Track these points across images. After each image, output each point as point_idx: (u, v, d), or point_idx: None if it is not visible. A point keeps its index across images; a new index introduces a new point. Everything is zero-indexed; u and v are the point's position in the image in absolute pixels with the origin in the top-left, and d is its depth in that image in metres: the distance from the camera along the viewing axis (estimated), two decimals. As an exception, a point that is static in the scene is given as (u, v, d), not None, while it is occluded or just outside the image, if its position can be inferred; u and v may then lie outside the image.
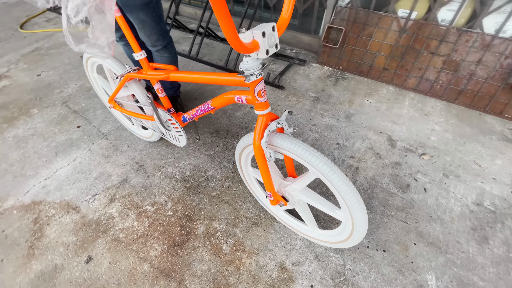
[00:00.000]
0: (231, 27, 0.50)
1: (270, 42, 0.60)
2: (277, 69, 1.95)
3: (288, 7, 0.62)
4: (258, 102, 0.72)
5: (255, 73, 0.67)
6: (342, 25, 1.78)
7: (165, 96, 1.09)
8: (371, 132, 1.44)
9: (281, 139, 0.74)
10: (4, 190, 1.19)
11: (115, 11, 0.90)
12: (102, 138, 1.44)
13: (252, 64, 0.65)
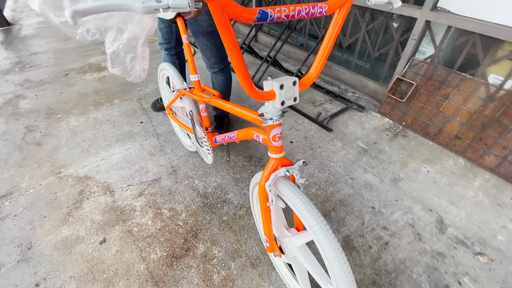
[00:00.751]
0: (246, 75, 0.53)
1: (287, 95, 0.60)
2: (331, 109, 1.89)
3: (317, 67, 0.62)
4: (272, 145, 0.71)
5: (273, 118, 0.67)
6: (415, 79, 1.63)
7: (206, 116, 1.17)
8: (418, 206, 1.24)
9: (285, 186, 0.70)
10: (70, 159, 1.46)
11: (185, 39, 1.05)
12: (154, 137, 1.63)
13: (271, 109, 0.66)
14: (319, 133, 1.68)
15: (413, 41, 1.61)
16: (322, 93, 2.08)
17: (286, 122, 1.77)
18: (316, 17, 0.58)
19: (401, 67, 1.74)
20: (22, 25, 3.52)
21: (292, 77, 0.60)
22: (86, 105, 1.91)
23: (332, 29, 0.60)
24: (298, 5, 0.53)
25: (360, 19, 1.94)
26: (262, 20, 0.51)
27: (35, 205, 1.22)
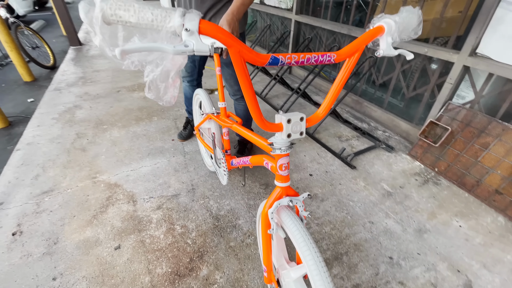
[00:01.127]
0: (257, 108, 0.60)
1: (294, 129, 0.63)
2: (358, 146, 1.84)
3: (324, 107, 0.64)
4: (278, 174, 0.73)
5: (281, 148, 0.70)
6: (450, 124, 1.54)
7: (228, 139, 1.24)
8: (444, 264, 1.11)
9: (287, 216, 0.70)
10: (106, 166, 1.61)
11: (218, 70, 1.16)
12: (182, 154, 1.74)
13: (279, 140, 0.68)
14: (342, 169, 1.64)
15: (450, 85, 1.55)
16: (350, 129, 2.05)
17: (308, 154, 1.77)
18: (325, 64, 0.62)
19: (436, 110, 1.66)
20: (91, 46, 4.14)
21: (300, 113, 0.64)
22: (129, 119, 2.13)
23: (342, 74, 0.64)
24: (308, 53, 0.58)
25: (395, 58, 1.93)
26: (274, 64, 0.56)
27: (69, 204, 1.36)
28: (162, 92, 0.67)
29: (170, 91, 0.67)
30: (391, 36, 0.62)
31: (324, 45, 2.56)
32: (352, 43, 0.61)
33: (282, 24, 3.10)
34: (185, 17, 0.47)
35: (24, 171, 1.58)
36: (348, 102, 2.37)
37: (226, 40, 0.51)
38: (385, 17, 0.62)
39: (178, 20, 0.47)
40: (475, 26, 1.38)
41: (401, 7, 0.65)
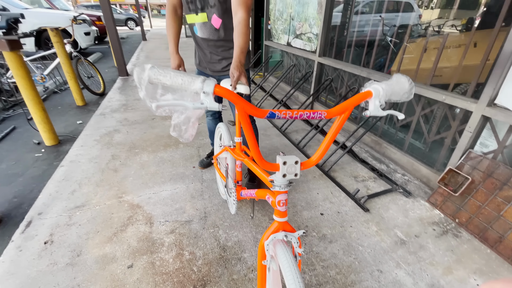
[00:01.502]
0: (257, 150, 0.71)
1: (289, 170, 0.71)
2: (373, 188, 1.82)
3: (317, 155, 0.72)
4: (276, 209, 0.79)
5: (280, 185, 0.77)
6: (471, 173, 1.48)
7: (240, 171, 1.34)
8: (459, 327, 1.03)
9: (281, 250, 0.74)
10: (132, 187, 1.78)
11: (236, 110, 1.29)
12: (199, 181, 1.86)
13: (278, 178, 0.76)
14: (354, 211, 1.62)
15: (469, 133, 1.52)
16: (367, 169, 2.04)
17: (322, 192, 1.78)
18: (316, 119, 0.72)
19: (456, 157, 1.61)
20: (137, 77, 4.68)
21: (296, 157, 0.72)
22: (158, 145, 2.34)
23: (332, 129, 0.72)
24: (301, 110, 0.67)
25: (415, 101, 1.95)
26: (271, 117, 0.67)
27: (95, 220, 1.51)
28: (183, 132, 0.80)
29: (189, 131, 0.80)
30: (378, 99, 0.70)
31: (346, 85, 2.66)
32: (342, 104, 0.70)
33: (307, 63, 3.29)
34: (204, 83, 0.60)
35: (63, 185, 1.79)
36: (368, 141, 2.38)
37: (233, 100, 0.63)
38: (374, 83, 0.70)
39: (199, 85, 0.61)
40: (492, 77, 1.38)
41: (394, 73, 0.73)
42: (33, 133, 2.72)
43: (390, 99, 0.74)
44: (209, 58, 1.51)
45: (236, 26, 1.19)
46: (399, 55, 2.06)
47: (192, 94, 0.65)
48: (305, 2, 3.05)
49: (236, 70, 1.10)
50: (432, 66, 1.78)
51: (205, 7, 1.32)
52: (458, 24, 1.80)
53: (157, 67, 0.61)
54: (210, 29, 1.39)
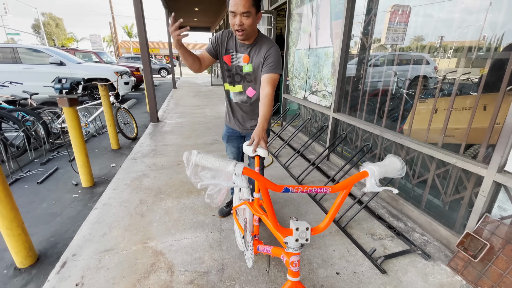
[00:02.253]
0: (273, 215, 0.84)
1: (301, 235, 0.83)
2: (391, 248, 1.80)
3: (325, 221, 0.84)
4: (290, 269, 0.87)
5: (294, 248, 0.87)
6: (489, 239, 1.47)
7: (257, 225, 1.43)
8: None
9: None
10: (156, 233, 1.90)
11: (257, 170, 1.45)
12: (218, 231, 1.95)
13: (291, 241, 0.86)
14: (371, 272, 1.61)
15: (483, 197, 1.54)
16: (384, 227, 2.04)
17: (338, 249, 1.80)
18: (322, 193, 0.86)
19: (473, 221, 1.61)
20: (166, 123, 5.14)
21: (307, 224, 0.83)
22: (182, 191, 2.51)
23: (336, 202, 0.85)
24: (311, 186, 0.81)
25: (429, 161, 2.01)
26: (286, 192, 0.81)
27: (122, 264, 1.62)
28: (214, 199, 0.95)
29: (220, 198, 0.95)
30: (374, 178, 0.83)
31: (360, 139, 2.79)
32: (343, 182, 0.84)
33: (323, 116, 3.51)
34: (235, 166, 0.77)
35: (96, 228, 1.96)
36: (384, 197, 2.40)
37: (256, 177, 0.79)
38: (370, 164, 0.84)
39: (232, 168, 0.78)
40: (500, 143, 1.46)
41: (388, 154, 0.87)
42: (73, 174, 3.03)
43: (385, 177, 0.86)
44: (239, 118, 1.75)
45: (263, 98, 1.44)
46: (411, 114, 2.20)
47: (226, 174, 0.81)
48: (320, 65, 3.40)
49: (257, 136, 1.29)
50: (442, 127, 1.89)
51: (242, 81, 1.60)
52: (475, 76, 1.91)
53: (202, 153, 0.79)
54: (244, 97, 1.66)
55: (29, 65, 6.63)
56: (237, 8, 1.30)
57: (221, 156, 0.81)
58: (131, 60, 17.32)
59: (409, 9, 2.33)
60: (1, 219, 1.57)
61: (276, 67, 1.48)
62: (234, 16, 1.34)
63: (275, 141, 4.02)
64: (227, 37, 1.55)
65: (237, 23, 1.35)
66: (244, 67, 1.56)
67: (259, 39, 1.52)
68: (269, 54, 1.48)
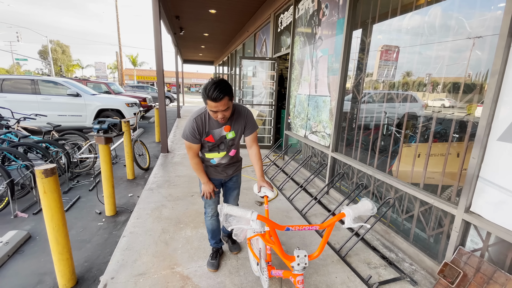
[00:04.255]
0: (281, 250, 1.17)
1: (301, 260, 1.17)
2: (384, 276, 2.10)
3: (318, 250, 1.20)
4: (296, 286, 1.20)
5: (298, 270, 1.20)
6: (463, 267, 1.80)
7: (270, 253, 1.75)
8: None
9: None
10: (181, 260, 2.17)
11: (265, 207, 1.81)
12: (235, 259, 2.24)
13: (295, 265, 1.19)
14: (368, 295, 1.90)
15: (456, 232, 1.90)
16: (378, 257, 2.34)
17: (340, 276, 2.09)
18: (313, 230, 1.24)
19: (450, 252, 1.95)
20: (175, 153, 5.50)
21: (305, 251, 1.18)
22: (198, 222, 2.80)
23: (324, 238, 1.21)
24: (304, 225, 1.19)
25: (414, 200, 2.39)
26: (287, 230, 1.17)
27: (155, 287, 1.88)
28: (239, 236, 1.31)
29: (242, 235, 1.30)
30: (350, 218, 1.21)
31: (356, 176, 3.18)
32: (327, 221, 1.22)
33: (322, 153, 3.94)
34: (252, 214, 1.14)
35: (127, 254, 2.23)
36: (378, 230, 2.73)
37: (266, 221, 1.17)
38: (346, 207, 1.23)
39: (250, 215, 1.14)
40: (465, 187, 1.85)
41: (362, 198, 1.26)
42: (94, 203, 3.31)
43: (360, 216, 1.25)
44: (221, 169, 1.95)
45: (254, 155, 1.89)
46: (398, 157, 2.62)
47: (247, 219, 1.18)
48: (319, 110, 3.90)
49: (263, 182, 1.78)
50: (423, 170, 2.30)
51: (226, 147, 1.86)
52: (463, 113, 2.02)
53: (230, 206, 1.17)
54: (228, 157, 1.92)
55: (47, 95, 7.11)
56: (218, 108, 1.52)
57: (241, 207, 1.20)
58: (136, 88, 18.13)
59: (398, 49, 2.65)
60: (56, 245, 1.85)
61: (254, 126, 1.84)
62: (216, 112, 1.56)
63: (278, 175, 4.39)
64: (204, 123, 1.70)
65: (220, 117, 1.58)
66: (227, 134, 1.78)
67: (235, 110, 1.76)
68: (247, 120, 1.80)
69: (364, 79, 3.06)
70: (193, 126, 1.67)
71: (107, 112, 7.68)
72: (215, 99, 1.47)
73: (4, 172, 2.91)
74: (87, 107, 7.35)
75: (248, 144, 1.90)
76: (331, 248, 2.44)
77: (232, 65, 11.77)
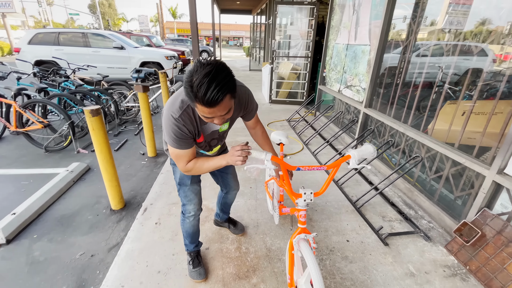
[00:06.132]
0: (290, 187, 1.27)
1: (306, 197, 1.27)
2: (397, 229, 2.14)
3: (323, 187, 1.27)
4: (300, 220, 1.32)
5: (302, 206, 1.30)
6: (482, 228, 1.74)
7: (282, 194, 1.90)
8: None
9: (303, 244, 1.25)
10: (214, 196, 2.46)
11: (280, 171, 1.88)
12: (254, 199, 2.46)
13: (300, 202, 1.29)
14: (376, 243, 1.99)
15: (483, 194, 1.79)
16: (395, 212, 2.36)
17: (351, 224, 2.19)
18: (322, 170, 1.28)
19: (472, 213, 1.87)
20: (209, 106, 5.73)
21: (310, 189, 1.26)
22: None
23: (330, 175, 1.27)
24: (314, 165, 1.24)
25: (445, 159, 2.24)
26: (298, 170, 1.24)
27: (184, 214, 2.21)
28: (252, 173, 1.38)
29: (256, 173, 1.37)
30: (354, 159, 1.22)
31: (388, 134, 3.03)
32: (334, 162, 1.25)
33: (356, 110, 3.75)
34: (266, 155, 1.21)
35: (164, 187, 2.60)
36: (402, 188, 2.68)
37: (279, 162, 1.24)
38: (351, 150, 1.25)
39: (264, 156, 1.21)
40: (503, 147, 1.68)
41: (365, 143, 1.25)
42: (139, 146, 3.77)
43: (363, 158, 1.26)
44: None
45: (260, 136, 1.54)
46: (435, 116, 2.39)
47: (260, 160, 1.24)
48: (357, 61, 3.59)
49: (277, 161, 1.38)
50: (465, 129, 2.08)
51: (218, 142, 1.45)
52: None
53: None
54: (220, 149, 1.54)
55: (96, 48, 7.66)
56: (214, 114, 0.99)
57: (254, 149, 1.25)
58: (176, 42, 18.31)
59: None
60: (106, 173, 2.24)
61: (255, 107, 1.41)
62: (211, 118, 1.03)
63: (306, 130, 4.37)
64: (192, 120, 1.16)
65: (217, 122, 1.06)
66: (221, 127, 1.32)
67: None
68: (248, 104, 1.35)
69: (416, 26, 2.67)
70: (178, 126, 1.11)
71: (149, 64, 8.06)
72: (210, 103, 0.91)
73: (66, 115, 3.42)
74: (131, 59, 7.79)
75: (251, 126, 1.52)
76: (348, 199, 2.51)
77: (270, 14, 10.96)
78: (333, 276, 1.70)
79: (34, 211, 2.25)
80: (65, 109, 3.59)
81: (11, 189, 2.65)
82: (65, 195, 2.59)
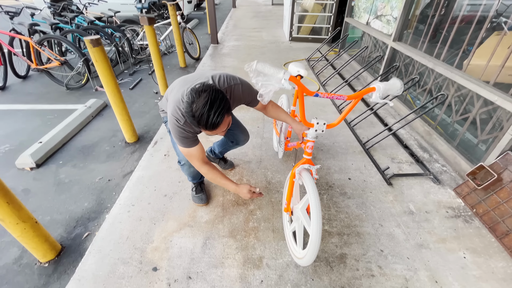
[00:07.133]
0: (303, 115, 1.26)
1: (319, 128, 1.20)
2: (405, 170, 2.06)
3: (338, 120, 1.18)
4: (306, 151, 1.29)
5: (312, 137, 1.26)
6: (500, 172, 1.60)
7: (290, 131, 1.87)
8: (426, 273, 1.37)
9: (305, 174, 1.25)
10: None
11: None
12: (260, 138, 2.45)
13: (311, 132, 1.24)
14: (379, 183, 1.95)
15: (510, 135, 1.59)
16: (407, 154, 2.23)
17: (356, 163, 2.13)
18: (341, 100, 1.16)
19: (493, 157, 1.71)
20: (224, 45, 5.42)
21: (324, 120, 1.18)
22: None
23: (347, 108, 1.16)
24: (333, 94, 1.12)
25: (476, 98, 1.97)
26: (316, 96, 1.14)
27: (191, 149, 2.29)
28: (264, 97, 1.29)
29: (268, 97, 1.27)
30: (378, 93, 1.08)
31: (416, 70, 2.68)
32: (356, 93, 1.12)
33: (384, 45, 3.31)
34: (284, 73, 1.08)
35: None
36: (420, 130, 2.48)
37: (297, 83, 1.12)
38: (377, 82, 1.08)
39: (282, 74, 1.08)
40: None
41: (393, 77, 1.08)
42: (152, 85, 3.78)
43: (388, 93, 1.10)
44: None
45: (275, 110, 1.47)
46: (473, 49, 2.03)
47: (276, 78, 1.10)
48: (391, -17, 3.00)
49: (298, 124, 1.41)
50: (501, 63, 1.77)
51: None
52: None
53: (261, 62, 1.08)
54: None
55: (108, -19, 7.19)
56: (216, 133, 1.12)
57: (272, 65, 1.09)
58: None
59: None
60: (117, 108, 2.30)
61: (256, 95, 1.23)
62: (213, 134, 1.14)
63: (326, 70, 4.03)
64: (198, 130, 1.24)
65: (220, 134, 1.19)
66: None
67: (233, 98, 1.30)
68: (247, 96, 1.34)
69: None
70: (183, 128, 1.20)
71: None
72: (212, 127, 1.03)
73: (79, 52, 3.42)
74: None
75: (261, 108, 1.46)
76: (358, 140, 2.40)
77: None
78: (328, 208, 1.73)
79: (58, 141, 2.46)
80: (79, 47, 3.58)
81: (39, 122, 2.88)
82: (85, 128, 2.78)
